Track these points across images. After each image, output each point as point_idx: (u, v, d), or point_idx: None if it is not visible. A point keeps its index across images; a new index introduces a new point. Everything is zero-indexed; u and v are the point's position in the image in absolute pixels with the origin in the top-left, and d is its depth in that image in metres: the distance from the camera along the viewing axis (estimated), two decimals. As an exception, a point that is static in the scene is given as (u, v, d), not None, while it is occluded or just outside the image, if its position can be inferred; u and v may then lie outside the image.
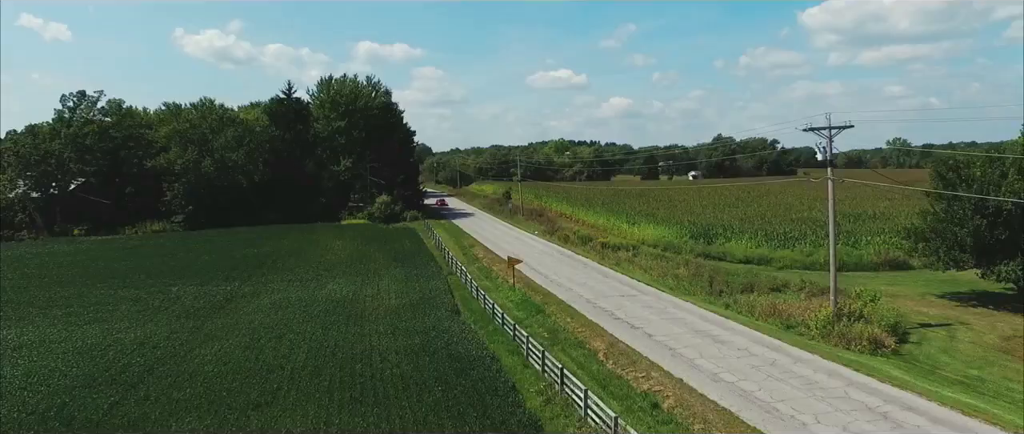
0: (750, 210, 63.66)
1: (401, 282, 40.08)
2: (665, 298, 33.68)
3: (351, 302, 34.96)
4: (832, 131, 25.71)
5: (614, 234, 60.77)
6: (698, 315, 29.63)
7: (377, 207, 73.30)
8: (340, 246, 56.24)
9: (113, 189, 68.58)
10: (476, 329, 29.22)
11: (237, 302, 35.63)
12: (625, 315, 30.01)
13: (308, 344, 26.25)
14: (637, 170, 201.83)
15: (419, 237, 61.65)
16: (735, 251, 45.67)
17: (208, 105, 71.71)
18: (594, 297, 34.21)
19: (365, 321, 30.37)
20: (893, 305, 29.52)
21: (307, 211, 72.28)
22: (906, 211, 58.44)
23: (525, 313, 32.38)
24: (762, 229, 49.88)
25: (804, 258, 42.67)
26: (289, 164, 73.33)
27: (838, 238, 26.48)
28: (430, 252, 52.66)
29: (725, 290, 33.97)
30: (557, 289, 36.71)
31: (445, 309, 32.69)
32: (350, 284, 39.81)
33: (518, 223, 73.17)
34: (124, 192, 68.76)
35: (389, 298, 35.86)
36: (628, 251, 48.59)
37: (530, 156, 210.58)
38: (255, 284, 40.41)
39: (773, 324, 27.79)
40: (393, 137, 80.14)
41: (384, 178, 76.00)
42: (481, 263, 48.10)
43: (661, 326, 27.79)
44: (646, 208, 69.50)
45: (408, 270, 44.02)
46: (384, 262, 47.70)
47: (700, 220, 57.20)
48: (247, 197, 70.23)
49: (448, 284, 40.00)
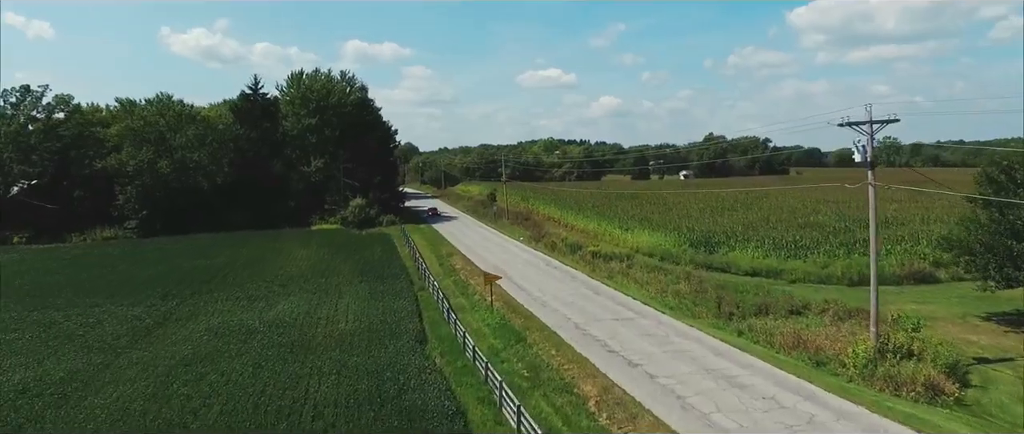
0: (751, 214, 59.13)
1: (363, 300, 35.05)
2: (666, 322, 28.89)
3: (300, 327, 29.92)
4: (874, 126, 20.99)
5: (605, 241, 55.99)
6: (708, 347, 24.84)
7: (350, 211, 68.08)
8: (304, 256, 51.07)
9: (61, 193, 62.89)
10: (442, 366, 24.31)
11: (167, 327, 30.47)
12: (620, 346, 25.17)
13: (230, 390, 21.19)
14: (627, 170, 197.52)
15: (393, 245, 56.59)
16: (740, 262, 41.01)
17: (166, 101, 66.20)
18: (584, 321, 29.36)
19: (310, 354, 25.35)
20: (932, 331, 24.95)
21: (274, 215, 66.96)
22: (920, 215, 54.21)
23: (503, 342, 27.49)
24: (768, 236, 45.27)
25: (818, 270, 38.07)
26: (255, 165, 67.98)
27: (877, 252, 21.71)
28: (403, 262, 47.64)
29: (735, 312, 29.25)
30: (541, 310, 31.83)
31: (408, 337, 27.75)
32: (304, 303, 34.74)
33: (503, 228, 68.27)
34: (73, 196, 63.08)
35: (345, 321, 30.85)
36: (621, 261, 43.80)
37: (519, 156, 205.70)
38: (195, 303, 35.22)
39: (799, 359, 23.06)
40: (369, 135, 74.94)
41: (359, 180, 70.87)
42: (458, 276, 43.14)
43: (664, 363, 22.97)
44: (639, 212, 64.84)
45: (374, 285, 38.98)
46: (349, 275, 42.62)
47: (698, 226, 52.57)
48: (209, 200, 64.79)
49: (417, 303, 35.03)
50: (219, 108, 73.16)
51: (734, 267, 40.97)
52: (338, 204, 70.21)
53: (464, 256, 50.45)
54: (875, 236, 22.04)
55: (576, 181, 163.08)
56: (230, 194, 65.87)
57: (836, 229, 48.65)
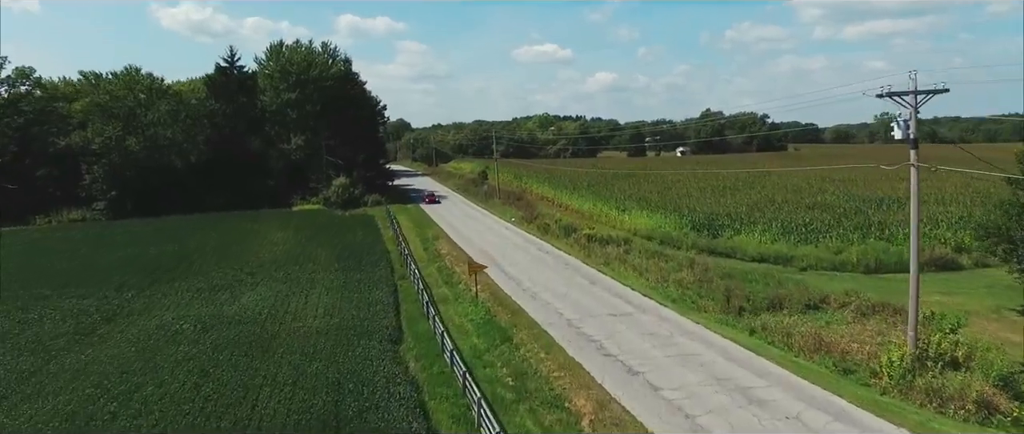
0: (755, 194, 56.11)
1: (337, 291, 32.01)
2: (669, 318, 25.97)
3: (263, 323, 26.90)
4: (918, 98, 17.81)
5: (602, 223, 52.97)
6: (718, 349, 21.93)
7: (333, 191, 64.67)
8: (281, 239, 47.88)
9: (24, 172, 59.20)
10: (416, 372, 21.39)
11: (116, 324, 27.41)
12: (618, 349, 22.25)
13: (164, 406, 18.21)
14: (624, 146, 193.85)
15: (377, 227, 53.42)
16: (746, 247, 38.08)
17: (134, 74, 62.15)
18: (577, 317, 26.41)
19: (268, 358, 22.35)
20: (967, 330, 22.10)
21: (254, 195, 63.52)
22: (933, 194, 51.29)
23: (487, 341, 24.55)
24: (775, 219, 42.30)
25: (831, 256, 35.19)
26: (232, 142, 64.31)
27: (918, 245, 18.72)
28: (385, 247, 44.54)
29: (746, 307, 26.32)
30: (531, 303, 28.86)
31: (382, 335, 24.78)
32: (272, 295, 31.69)
33: (494, 208, 65.12)
34: (36, 175, 59.42)
35: (314, 317, 27.84)
36: (618, 246, 40.80)
37: (513, 132, 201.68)
38: (153, 295, 32.12)
39: (823, 365, 20.19)
40: (354, 111, 71.17)
41: (343, 157, 67.37)
42: (443, 262, 40.10)
43: (669, 371, 20.06)
44: (637, 191, 61.74)
45: (352, 273, 35.93)
46: (326, 261, 39.51)
47: (700, 207, 49.55)
48: (183, 180, 61.26)
49: (396, 294, 32.03)
50: (194, 83, 69.13)
51: (740, 252, 38.06)
52: (321, 183, 66.81)
53: (451, 239, 47.37)
54: (916, 226, 19.04)
55: (571, 158, 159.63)
56: (206, 173, 62.35)
57: (846, 210, 45.76)
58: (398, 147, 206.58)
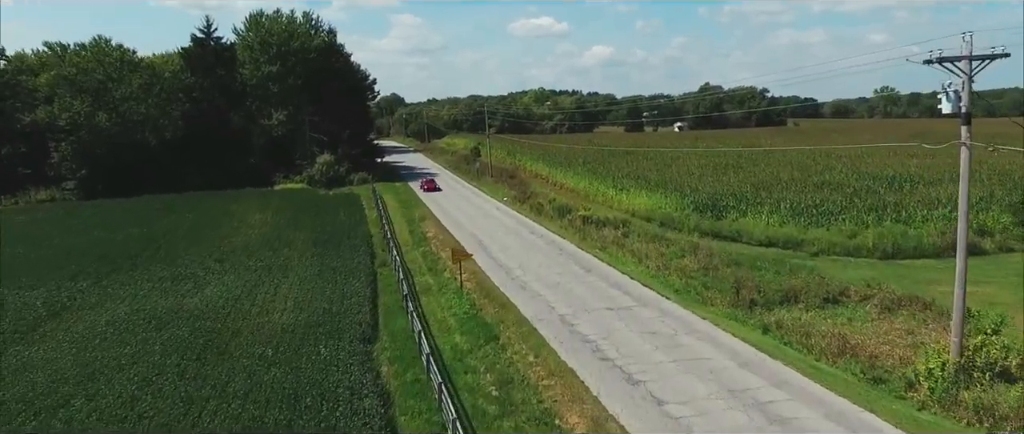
0: (759, 172, 53.39)
1: (311, 281, 29.44)
2: (672, 312, 23.49)
3: (224, 319, 24.37)
4: (974, 64, 15.05)
5: (598, 203, 50.31)
6: (728, 351, 19.47)
7: (318, 169, 61.71)
8: (259, 221, 45.14)
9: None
10: (388, 379, 18.97)
11: (62, 319, 24.85)
12: (616, 351, 19.77)
13: (92, 421, 15.79)
14: (621, 121, 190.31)
15: (361, 207, 50.68)
16: (753, 230, 35.52)
17: (103, 46, 58.53)
18: (571, 311, 23.90)
19: (223, 362, 19.85)
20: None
21: (234, 174, 60.52)
22: (948, 172, 48.60)
23: (470, 340, 22.07)
24: (783, 199, 39.69)
25: (845, 240, 32.64)
26: (211, 118, 61.03)
27: (966, 239, 16.15)
28: (367, 229, 41.87)
29: (757, 299, 23.83)
30: (520, 295, 26.33)
31: (354, 334, 22.31)
32: (239, 284, 29.12)
33: (485, 186, 62.36)
34: (0, 154, 56.17)
35: (282, 311, 25.32)
36: (616, 228, 38.24)
37: (508, 106, 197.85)
38: (109, 285, 29.51)
39: (849, 372, 17.75)
40: (339, 84, 67.81)
41: (328, 133, 64.29)
42: (429, 246, 37.50)
43: (674, 379, 17.61)
44: (635, 169, 58.97)
45: (329, 260, 33.33)
46: (303, 246, 36.88)
47: (702, 186, 46.86)
48: (158, 157, 58.16)
49: (375, 283, 29.54)
50: (169, 56, 65.48)
51: (746, 236, 35.50)
52: (305, 161, 63.81)
53: (439, 221, 44.71)
54: (965, 216, 16.41)
55: (568, 133, 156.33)
56: (182, 151, 59.24)
57: (857, 190, 43.16)
58: (391, 122, 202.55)
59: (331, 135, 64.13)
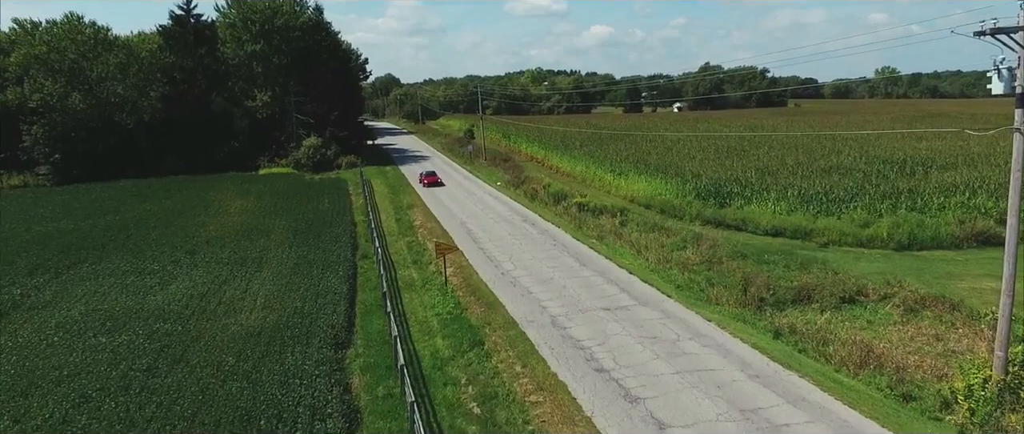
0: (763, 155, 51.18)
1: (286, 276, 27.39)
2: (674, 313, 21.49)
3: (187, 319, 22.33)
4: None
5: (595, 188, 48.19)
6: (737, 361, 17.49)
7: (304, 152, 59.33)
8: (238, 208, 42.94)
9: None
10: (358, 393, 17.03)
11: (11, 320, 22.83)
12: (613, 360, 17.78)
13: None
14: (619, 101, 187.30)
15: (347, 193, 48.48)
16: (759, 218, 33.46)
17: (76, 23, 55.71)
18: (563, 311, 21.89)
19: (175, 373, 17.85)
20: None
21: (217, 158, 58.19)
22: (960, 155, 46.53)
23: (453, 345, 20.08)
24: (789, 185, 37.56)
25: (857, 230, 30.61)
26: (191, 99, 58.50)
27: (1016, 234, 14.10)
28: (352, 217, 39.73)
29: (767, 298, 21.88)
30: (510, 292, 24.31)
31: (326, 337, 20.35)
32: (209, 279, 27.07)
33: (478, 170, 60.12)
34: (-30, 137, 53.77)
35: (252, 310, 23.30)
36: (613, 216, 36.20)
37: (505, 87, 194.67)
38: (69, 281, 27.40)
39: (874, 386, 15.83)
40: (326, 64, 65.14)
41: (315, 115, 61.78)
42: (415, 236, 35.41)
43: (678, 396, 15.64)
44: (634, 152, 56.70)
45: (307, 251, 31.26)
46: (282, 236, 34.76)
47: (704, 170, 44.67)
48: (136, 141, 55.73)
49: (354, 278, 27.53)
50: (147, 35, 62.61)
51: (751, 225, 33.46)
52: (290, 144, 61.39)
53: (427, 208, 42.56)
54: (1015, 211, 14.27)
55: (565, 114, 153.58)
56: (162, 133, 56.78)
57: (866, 174, 41.04)
58: (386, 104, 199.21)
59: (318, 117, 61.66)
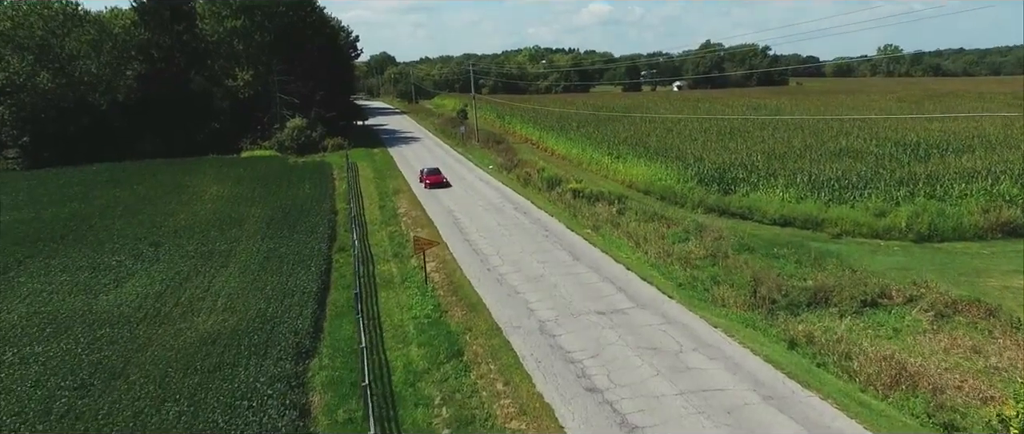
0: (768, 138, 48.66)
1: (254, 271, 25.16)
2: (676, 318, 19.32)
3: (139, 323, 20.18)
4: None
5: (592, 172, 45.85)
6: (748, 378, 15.36)
7: (287, 134, 56.76)
8: (214, 195, 40.55)
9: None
10: (316, 418, 14.88)
11: (-59, 326, 20.51)
12: (607, 378, 15.64)
13: None
14: (618, 80, 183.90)
15: (331, 177, 46.06)
16: (766, 207, 31.21)
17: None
18: (553, 316, 19.71)
19: (108, 395, 15.72)
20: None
21: (197, 140, 55.65)
22: (975, 136, 44.11)
23: (429, 355, 17.94)
24: (800, 170, 35.22)
25: (873, 220, 28.39)
26: (168, 78, 55.78)
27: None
28: (333, 205, 37.41)
29: (779, 300, 19.72)
30: (495, 292, 22.12)
31: (288, 346, 18.23)
32: (171, 275, 24.87)
33: (471, 152, 57.65)
34: (-66, 119, 50.97)
35: (211, 312, 21.13)
36: (610, 204, 33.92)
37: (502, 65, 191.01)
38: (15, 278, 25.16)
39: (909, 412, 13.73)
40: (312, 41, 62.27)
41: (301, 96, 59.10)
42: (399, 226, 33.13)
43: (683, 422, 13.54)
44: (633, 134, 54.22)
45: (279, 243, 29.01)
46: (255, 226, 32.47)
47: (707, 154, 42.26)
48: (110, 122, 53.12)
49: (329, 274, 25.35)
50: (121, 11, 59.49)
51: (757, 213, 31.24)
52: (274, 126, 58.79)
53: (414, 195, 40.22)
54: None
55: (563, 93, 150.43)
56: (138, 114, 54.14)
57: (878, 158, 38.70)
58: (381, 83, 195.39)
59: (303, 97, 58.96)
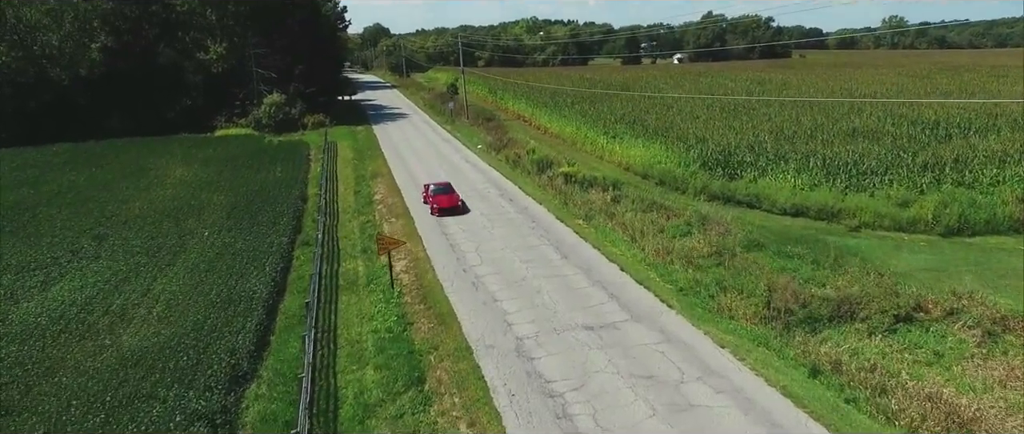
0: (775, 114, 45.42)
1: (202, 271, 22.33)
2: (676, 335, 16.58)
3: (55, 338, 17.46)
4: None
5: (586, 152, 42.81)
6: (764, 419, 12.67)
7: (264, 111, 53.47)
8: (177, 179, 37.52)
9: None
10: (234, 472, 12.12)
11: None
12: (593, 417, 12.97)
13: None
14: (617, 53, 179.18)
15: (307, 158, 42.96)
16: (776, 194, 28.31)
17: (-3, -37, 48.84)
18: (533, 330, 16.96)
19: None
20: None
21: (167, 117, 52.34)
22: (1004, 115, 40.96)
23: (386, 382, 15.27)
24: (812, 153, 32.18)
25: (895, 211, 25.56)
26: (136, 52, 52.22)
27: None
28: (304, 190, 34.47)
29: (796, 311, 16.95)
30: (469, 299, 19.33)
31: (220, 369, 15.59)
32: (108, 275, 22.11)
33: (459, 130, 54.45)
34: None
35: (144, 323, 18.47)
36: (605, 190, 30.99)
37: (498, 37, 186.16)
38: (-67, 279, 22.28)
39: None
40: (292, 13, 58.56)
41: (279, 70, 55.61)
42: (372, 215, 30.24)
43: (685, 491, 10.79)
44: (631, 112, 50.96)
45: (237, 236, 26.14)
46: (215, 215, 29.53)
47: (710, 133, 39.15)
48: (72, 99, 49.77)
49: (286, 274, 22.59)
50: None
51: (766, 201, 28.39)
52: (251, 102, 55.42)
53: (393, 179, 37.25)
54: None
55: (561, 66, 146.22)
56: (104, 90, 50.75)
57: (895, 138, 35.66)
58: (375, 55, 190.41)
59: (281, 71, 55.48)
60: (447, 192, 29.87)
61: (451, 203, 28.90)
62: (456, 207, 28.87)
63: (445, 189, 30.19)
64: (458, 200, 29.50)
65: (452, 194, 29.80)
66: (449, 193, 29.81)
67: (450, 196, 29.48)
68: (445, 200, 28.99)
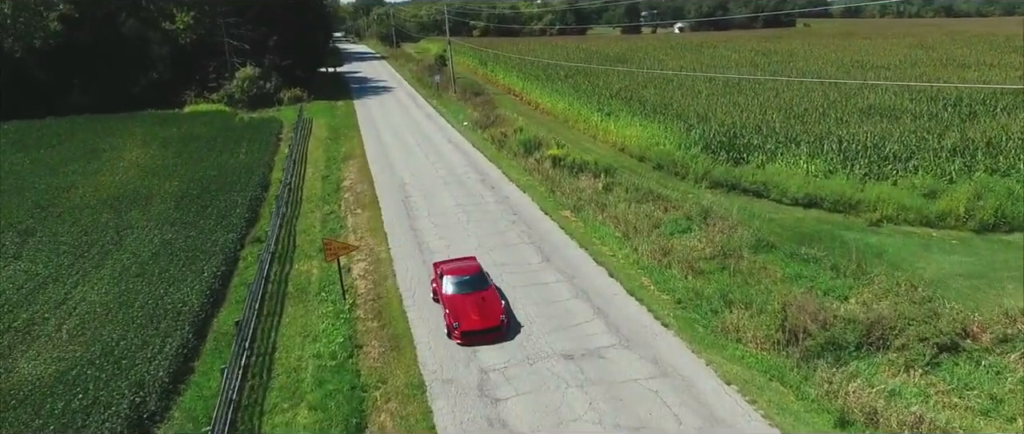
0: (783, 89, 42.07)
1: (131, 276, 19.50)
2: (673, 365, 13.81)
3: (-67, 368, 14.59)
4: None
5: (578, 131, 39.63)
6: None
7: (237, 85, 50.02)
8: (131, 161, 34.40)
9: None
10: None
11: None
12: (567, 494, 10.12)
13: None
14: (617, 22, 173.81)
15: (277, 138, 39.75)
16: (786, 182, 25.34)
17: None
18: (503, 360, 14.18)
19: None
20: None
21: (132, 92, 48.92)
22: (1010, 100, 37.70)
23: (316, 431, 12.44)
24: (827, 134, 29.07)
25: (921, 203, 22.67)
26: (97, 21, 48.55)
27: None
28: (268, 175, 31.42)
29: (816, 335, 14.14)
30: (431, 317, 16.52)
31: (120, 409, 13.09)
32: (22, 279, 19.43)
33: (445, 105, 51.08)
34: None
35: (48, 341, 15.81)
36: (596, 176, 27.97)
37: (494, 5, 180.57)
38: None
39: None
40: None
41: (253, 41, 51.98)
42: (337, 204, 27.25)
43: None
44: (628, 85, 47.57)
45: (180, 231, 23.23)
46: (163, 205, 26.56)
47: (713, 111, 35.94)
48: (29, 74, 46.29)
49: (228, 279, 19.76)
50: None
51: (775, 190, 25.44)
52: (224, 76, 51.88)
53: (367, 161, 34.15)
54: None
55: (558, 36, 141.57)
56: (63, 63, 47.23)
57: (916, 116, 32.57)
58: (367, 25, 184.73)
59: (254, 43, 51.85)
60: (477, 288, 15.94)
61: (485, 324, 14.88)
62: (497, 328, 14.95)
63: (473, 283, 16.14)
64: (501, 315, 15.17)
65: (488, 301, 15.53)
66: (481, 295, 15.69)
67: (484, 307, 15.28)
68: (476, 315, 15.01)
